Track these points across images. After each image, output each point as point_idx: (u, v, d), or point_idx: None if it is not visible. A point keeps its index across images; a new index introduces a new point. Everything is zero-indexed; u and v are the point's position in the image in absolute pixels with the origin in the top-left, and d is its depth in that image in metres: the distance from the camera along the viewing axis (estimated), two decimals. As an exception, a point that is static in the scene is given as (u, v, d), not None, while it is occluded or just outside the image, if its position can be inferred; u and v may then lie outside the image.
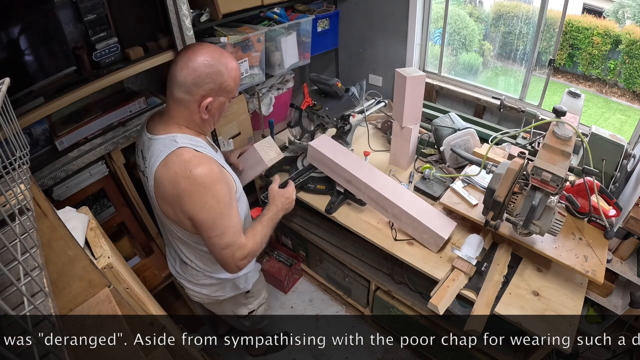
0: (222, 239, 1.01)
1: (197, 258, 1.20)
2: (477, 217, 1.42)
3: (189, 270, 1.24)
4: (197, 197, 0.95)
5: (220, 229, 0.99)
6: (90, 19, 1.34)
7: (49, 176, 1.34)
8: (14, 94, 1.21)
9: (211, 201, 0.96)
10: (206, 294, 1.29)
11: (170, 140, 0.99)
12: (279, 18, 1.91)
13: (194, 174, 0.94)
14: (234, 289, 1.31)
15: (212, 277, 1.24)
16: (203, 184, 0.95)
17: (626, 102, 3.61)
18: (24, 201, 0.57)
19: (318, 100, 1.73)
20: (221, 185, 0.98)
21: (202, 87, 0.96)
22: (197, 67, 0.95)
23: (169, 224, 1.10)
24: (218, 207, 0.97)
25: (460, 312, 1.28)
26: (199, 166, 0.95)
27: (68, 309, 0.75)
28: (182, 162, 0.95)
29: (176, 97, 0.99)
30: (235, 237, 1.02)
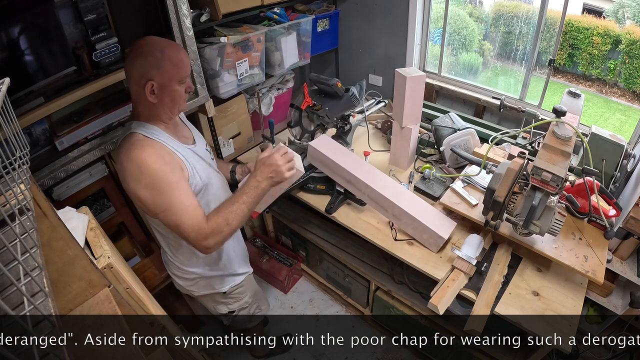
0: (169, 217, 1.02)
1: (168, 248, 1.24)
2: (477, 217, 1.42)
3: (167, 259, 1.29)
4: (135, 175, 1.00)
5: (162, 205, 1.01)
6: (90, 19, 1.34)
7: (49, 176, 1.33)
8: (14, 94, 1.21)
9: (146, 179, 1.00)
10: (182, 285, 1.32)
11: (127, 127, 1.08)
12: (279, 18, 1.91)
13: (131, 154, 1.00)
14: (207, 288, 1.33)
15: (183, 269, 1.27)
16: (139, 162, 0.99)
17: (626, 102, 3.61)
18: (24, 201, 0.57)
19: (318, 100, 1.73)
20: (161, 166, 1.01)
21: (144, 75, 1.02)
22: (133, 62, 1.02)
23: (139, 208, 1.16)
24: (157, 184, 1.00)
25: (460, 312, 1.28)
26: (139, 148, 1.01)
27: (68, 309, 0.75)
28: (127, 145, 1.02)
29: (132, 92, 1.07)
30: (185, 217, 1.02)
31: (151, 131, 1.06)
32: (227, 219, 1.05)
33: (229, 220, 1.05)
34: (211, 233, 1.03)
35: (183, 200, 1.02)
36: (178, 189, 1.02)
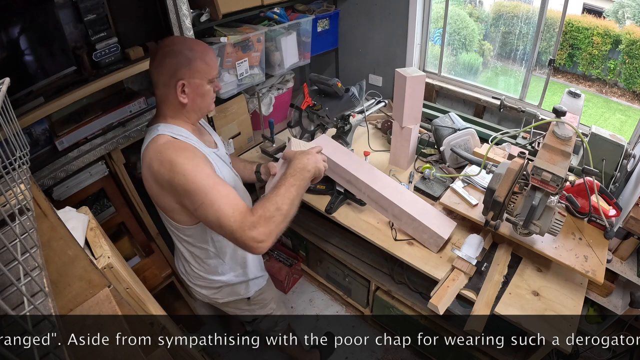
0: (208, 211, 0.92)
1: (193, 258, 1.20)
2: (477, 217, 1.42)
3: (189, 270, 1.24)
4: (167, 177, 0.95)
5: (199, 200, 0.92)
6: (90, 19, 1.34)
7: (49, 176, 1.34)
8: (14, 94, 1.21)
9: (180, 178, 0.93)
10: (205, 294, 1.29)
11: (153, 129, 1.03)
12: (279, 18, 1.91)
13: (163, 155, 0.96)
14: (233, 294, 1.30)
15: (208, 279, 1.23)
16: (172, 163, 0.95)
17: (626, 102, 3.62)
18: (24, 201, 0.57)
19: (318, 100, 1.73)
20: (194, 164, 0.96)
21: (174, 74, 0.99)
22: (162, 61, 0.99)
23: (163, 218, 1.12)
24: (192, 181, 0.93)
25: (460, 312, 1.28)
26: (170, 149, 0.97)
27: (68, 309, 0.75)
28: (156, 147, 0.98)
29: (158, 94, 1.04)
30: (226, 208, 0.91)
31: (179, 133, 1.03)
32: (277, 203, 0.93)
33: (279, 204, 0.93)
34: (259, 220, 0.90)
35: (220, 190, 0.93)
36: (214, 180, 0.95)
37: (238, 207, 0.92)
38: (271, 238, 0.92)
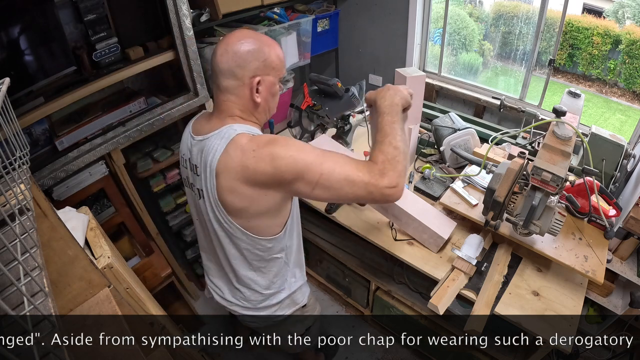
0: (333, 178, 0.85)
1: (260, 277, 1.08)
2: (477, 217, 1.42)
3: (248, 295, 1.11)
4: (270, 168, 0.85)
5: (316, 173, 0.85)
6: (90, 19, 1.34)
7: (49, 176, 1.34)
8: (14, 94, 1.21)
9: (285, 161, 0.84)
10: (265, 315, 1.16)
11: (226, 130, 0.90)
12: (279, 18, 1.91)
13: (258, 152, 0.85)
14: (292, 305, 1.20)
15: (272, 295, 1.12)
16: (270, 154, 0.85)
17: (626, 102, 3.62)
18: (24, 201, 0.57)
19: (318, 100, 1.73)
20: (292, 142, 0.87)
21: (247, 67, 0.89)
22: (237, 50, 0.88)
23: (232, 240, 0.98)
24: (297, 158, 0.85)
25: (460, 312, 1.28)
26: (262, 144, 0.86)
27: (68, 309, 0.75)
28: (243, 146, 0.86)
29: (224, 87, 0.91)
30: (348, 166, 0.85)
31: (257, 132, 0.93)
32: (391, 143, 0.87)
33: (393, 143, 0.87)
34: (385, 165, 0.85)
35: (331, 155, 0.87)
36: (320, 150, 0.88)
37: (358, 162, 0.86)
38: (402, 178, 0.87)
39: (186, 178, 1.02)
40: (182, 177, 1.06)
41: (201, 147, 0.92)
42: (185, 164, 1.00)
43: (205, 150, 0.91)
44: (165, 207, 1.86)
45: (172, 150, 1.75)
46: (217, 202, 0.92)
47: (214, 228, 0.99)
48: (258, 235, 0.97)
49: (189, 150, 0.97)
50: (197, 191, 0.98)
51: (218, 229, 0.98)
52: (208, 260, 1.15)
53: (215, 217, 0.95)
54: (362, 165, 0.86)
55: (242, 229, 0.95)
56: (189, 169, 0.99)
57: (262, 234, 0.97)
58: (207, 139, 0.92)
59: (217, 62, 0.89)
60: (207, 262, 1.16)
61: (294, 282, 1.16)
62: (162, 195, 1.83)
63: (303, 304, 1.23)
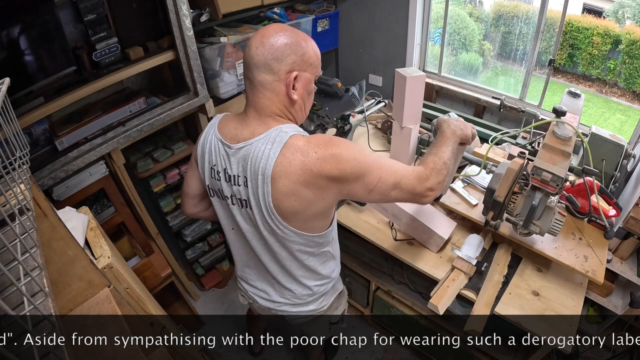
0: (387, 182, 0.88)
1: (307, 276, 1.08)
2: (477, 217, 1.42)
3: (298, 292, 1.11)
4: (334, 170, 0.84)
5: (375, 177, 0.87)
6: (90, 19, 1.34)
7: (49, 176, 1.34)
8: (14, 94, 1.21)
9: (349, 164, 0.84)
10: (311, 309, 1.16)
11: (275, 133, 0.85)
12: (279, 18, 1.91)
13: (320, 153, 0.83)
14: (333, 292, 1.21)
15: (319, 287, 1.13)
16: (332, 154, 0.83)
17: (626, 102, 3.62)
18: (24, 201, 0.57)
19: (318, 100, 1.73)
20: (351, 144, 0.88)
21: (284, 60, 0.84)
22: (274, 42, 0.83)
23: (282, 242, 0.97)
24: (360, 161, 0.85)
25: (460, 312, 1.28)
26: (320, 144, 0.84)
27: (68, 309, 0.75)
28: (301, 150, 0.83)
29: (258, 81, 0.86)
30: (401, 171, 0.90)
31: (305, 132, 0.89)
32: (442, 158, 0.97)
33: (444, 159, 0.97)
34: (431, 172, 0.93)
35: (387, 161, 0.91)
36: (375, 155, 0.91)
37: (409, 167, 0.93)
38: (440, 187, 0.95)
39: (218, 190, 0.97)
40: (210, 189, 0.99)
41: (244, 154, 0.87)
42: (218, 175, 0.94)
43: (253, 157, 0.86)
44: (165, 207, 1.86)
45: (172, 150, 1.75)
46: (271, 209, 0.88)
47: (261, 235, 0.97)
48: (311, 233, 0.96)
49: (223, 159, 0.91)
50: (238, 202, 0.94)
51: (268, 236, 0.96)
52: (247, 267, 1.13)
53: (265, 224, 0.93)
54: (412, 171, 0.92)
55: (296, 230, 0.93)
56: (222, 180, 0.93)
57: (315, 231, 0.96)
58: (251, 144, 0.86)
59: (251, 55, 0.84)
60: (246, 268, 1.13)
61: (337, 271, 1.18)
62: (162, 195, 1.83)
63: (341, 290, 1.25)
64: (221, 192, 0.96)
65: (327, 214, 0.96)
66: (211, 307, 2.09)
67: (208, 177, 0.97)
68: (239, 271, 1.17)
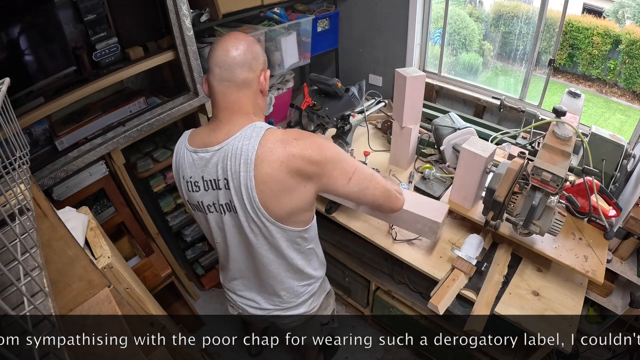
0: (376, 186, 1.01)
1: (295, 277, 1.10)
2: (477, 217, 1.42)
3: (286, 296, 1.13)
4: (315, 154, 0.88)
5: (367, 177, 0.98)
6: (90, 19, 1.34)
7: (49, 176, 1.34)
8: (14, 94, 1.21)
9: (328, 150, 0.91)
10: (302, 312, 1.18)
11: (250, 130, 0.88)
12: (279, 18, 1.91)
13: (301, 141, 0.88)
14: (322, 292, 1.23)
15: (308, 285, 1.15)
16: (313, 142, 0.89)
17: (626, 102, 3.61)
18: (24, 201, 0.57)
19: (318, 100, 1.73)
20: (323, 137, 0.96)
21: (259, 60, 0.92)
22: (249, 44, 0.91)
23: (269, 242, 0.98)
24: (336, 148, 0.94)
25: (460, 312, 1.28)
26: (296, 134, 0.89)
27: (68, 309, 0.75)
28: (280, 139, 0.87)
29: (241, 80, 0.90)
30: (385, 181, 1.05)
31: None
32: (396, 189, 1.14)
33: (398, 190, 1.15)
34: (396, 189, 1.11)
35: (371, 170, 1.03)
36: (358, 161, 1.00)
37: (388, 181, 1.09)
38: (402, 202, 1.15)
39: (198, 203, 0.97)
40: (190, 204, 1.00)
41: (223, 155, 0.89)
42: (196, 187, 0.95)
43: (232, 155, 0.87)
44: (165, 207, 1.86)
45: (172, 150, 1.74)
46: (255, 201, 0.89)
47: (247, 240, 0.98)
48: (295, 227, 0.98)
49: (199, 168, 0.93)
50: (220, 208, 0.95)
51: (254, 239, 0.97)
52: (234, 280, 1.14)
53: (251, 224, 0.94)
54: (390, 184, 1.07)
55: (281, 225, 0.94)
56: (202, 189, 0.94)
57: (299, 225, 0.98)
58: (228, 144, 0.89)
59: (230, 56, 0.88)
60: (233, 281, 1.14)
61: (322, 271, 1.20)
62: (162, 195, 1.83)
63: (328, 290, 1.27)
64: (201, 204, 0.97)
65: (309, 207, 0.98)
66: (211, 307, 2.09)
67: (186, 192, 0.98)
68: (226, 283, 1.18)
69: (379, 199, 1.03)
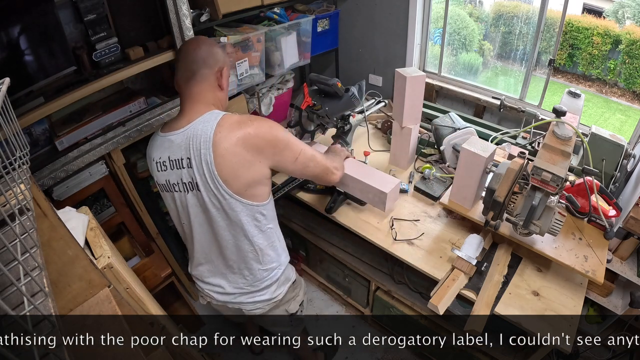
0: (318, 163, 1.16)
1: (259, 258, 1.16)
2: (477, 217, 1.42)
3: (250, 279, 1.19)
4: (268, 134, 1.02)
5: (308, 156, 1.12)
6: (90, 19, 1.34)
7: (49, 176, 1.34)
8: (14, 94, 1.21)
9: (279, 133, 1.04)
10: (267, 299, 1.24)
11: (208, 115, 1.03)
12: (279, 18, 1.91)
13: (254, 121, 1.02)
14: (286, 282, 1.28)
15: (271, 271, 1.21)
16: (266, 124, 1.03)
17: (626, 102, 3.61)
18: (24, 201, 0.57)
19: (318, 100, 1.73)
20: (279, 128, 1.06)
21: (216, 57, 1.08)
22: (209, 45, 1.08)
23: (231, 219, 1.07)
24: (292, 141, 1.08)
25: (460, 312, 1.28)
26: (252, 117, 1.03)
27: (68, 309, 0.75)
28: (237, 121, 1.01)
29: (200, 75, 1.06)
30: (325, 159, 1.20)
31: None
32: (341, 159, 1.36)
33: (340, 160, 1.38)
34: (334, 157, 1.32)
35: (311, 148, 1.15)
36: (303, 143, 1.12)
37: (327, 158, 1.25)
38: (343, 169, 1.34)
39: (166, 182, 1.09)
40: (159, 184, 1.12)
41: (187, 136, 1.01)
42: (164, 166, 1.07)
43: (193, 136, 1.00)
44: (165, 207, 1.86)
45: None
46: (214, 173, 1.00)
47: (210, 217, 1.07)
48: (253, 201, 1.07)
49: (166, 150, 1.05)
50: (184, 187, 1.06)
51: (215, 213, 1.06)
52: (200, 265, 1.21)
53: (212, 198, 1.03)
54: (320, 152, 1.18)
55: (239, 198, 1.04)
56: (168, 169, 1.06)
57: (256, 200, 1.07)
58: (190, 127, 1.02)
59: (194, 54, 1.06)
60: (199, 266, 1.22)
61: (285, 258, 1.26)
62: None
63: (294, 280, 1.32)
64: (168, 182, 1.08)
65: (265, 181, 1.08)
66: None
67: (155, 173, 1.10)
68: (193, 270, 1.25)
69: (318, 174, 1.21)
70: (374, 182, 1.44)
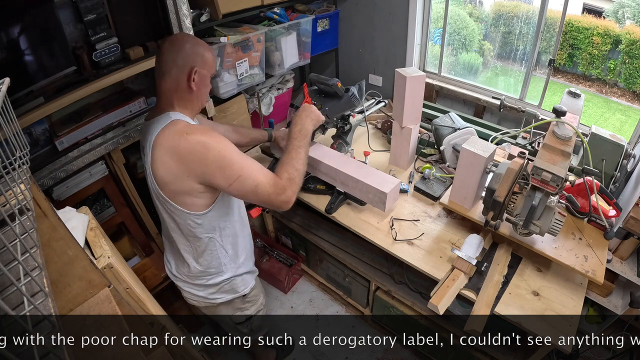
0: (245, 182, 1.02)
1: (194, 255, 1.19)
2: (477, 217, 1.42)
3: (186, 270, 1.23)
4: (198, 156, 0.99)
5: (236, 173, 1.01)
6: (90, 19, 1.34)
7: (49, 176, 1.34)
8: (14, 94, 1.21)
9: (213, 154, 1.00)
10: (202, 296, 1.28)
11: (164, 117, 1.05)
12: (279, 18, 1.91)
13: (191, 136, 1.00)
14: (231, 292, 1.30)
15: (207, 277, 1.24)
16: (202, 141, 0.99)
17: (626, 102, 3.61)
18: (24, 201, 0.57)
19: (318, 100, 1.73)
20: (220, 140, 1.02)
21: (188, 58, 1.05)
22: (182, 45, 1.06)
23: (169, 210, 1.10)
24: (225, 156, 1.01)
25: (460, 312, 1.28)
26: (195, 131, 1.01)
27: (68, 309, 0.75)
28: (178, 129, 1.01)
29: (168, 74, 1.06)
30: (261, 176, 1.04)
31: (191, 122, 1.07)
32: (294, 166, 1.12)
33: (296, 166, 1.12)
34: (287, 183, 1.08)
35: (251, 163, 1.05)
36: (243, 155, 1.05)
37: (269, 175, 1.06)
38: (295, 195, 1.11)
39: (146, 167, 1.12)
40: None
41: (145, 130, 1.08)
42: (144, 152, 1.10)
43: (147, 132, 1.05)
44: (165, 207, 1.86)
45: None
46: (151, 175, 1.04)
47: (156, 203, 1.13)
48: (183, 208, 1.08)
49: (142, 135, 1.12)
50: (145, 171, 1.09)
51: (158, 203, 1.12)
52: (164, 233, 1.26)
53: (154, 190, 1.08)
54: (271, 179, 1.06)
55: (169, 201, 1.06)
56: (142, 155, 1.11)
57: (186, 208, 1.08)
58: (150, 125, 1.07)
59: (164, 53, 1.05)
60: (163, 237, 1.29)
61: (235, 269, 1.27)
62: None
63: (243, 294, 1.32)
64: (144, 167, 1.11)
65: (197, 194, 1.07)
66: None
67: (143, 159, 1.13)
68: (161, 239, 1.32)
69: (259, 203, 1.17)
70: (374, 182, 1.44)
